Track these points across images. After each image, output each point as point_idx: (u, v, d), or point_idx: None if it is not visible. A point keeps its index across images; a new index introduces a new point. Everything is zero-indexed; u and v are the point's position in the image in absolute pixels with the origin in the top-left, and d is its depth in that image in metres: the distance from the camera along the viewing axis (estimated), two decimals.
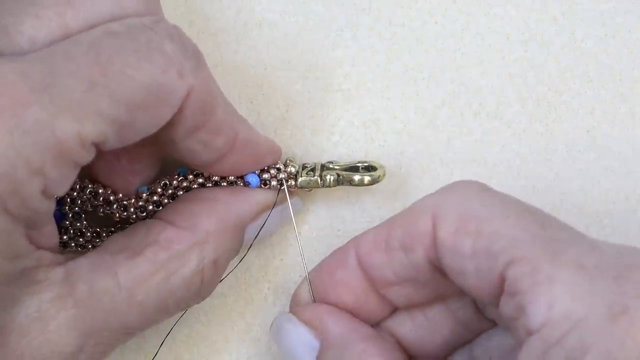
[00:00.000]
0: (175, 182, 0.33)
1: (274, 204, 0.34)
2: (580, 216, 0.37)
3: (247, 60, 0.37)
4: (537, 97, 0.37)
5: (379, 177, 0.34)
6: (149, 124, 0.28)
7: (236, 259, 0.34)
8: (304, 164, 0.35)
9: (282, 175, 0.34)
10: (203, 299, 0.32)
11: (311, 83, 0.37)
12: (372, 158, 0.36)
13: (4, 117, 0.25)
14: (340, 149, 0.36)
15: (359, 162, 0.35)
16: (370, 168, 0.35)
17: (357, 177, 0.34)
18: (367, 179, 0.34)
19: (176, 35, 0.29)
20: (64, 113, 0.26)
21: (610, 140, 0.37)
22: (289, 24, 0.37)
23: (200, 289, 0.31)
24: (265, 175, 0.34)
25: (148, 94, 0.27)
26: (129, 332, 0.30)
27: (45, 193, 0.26)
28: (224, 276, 0.33)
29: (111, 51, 0.27)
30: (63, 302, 0.28)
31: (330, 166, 0.35)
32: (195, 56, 0.29)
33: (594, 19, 0.37)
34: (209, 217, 0.32)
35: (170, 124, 0.29)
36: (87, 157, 0.27)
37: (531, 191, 0.37)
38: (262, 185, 0.34)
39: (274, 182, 0.34)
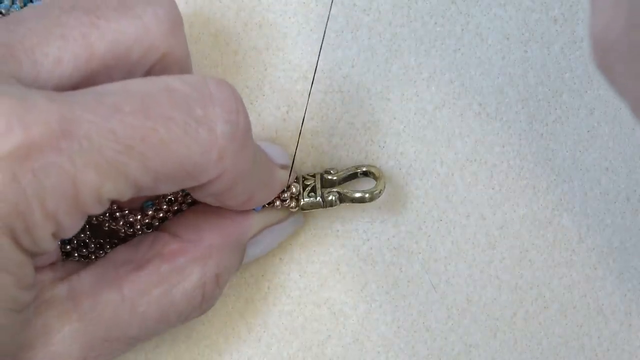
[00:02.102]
0: (180, 197, 0.33)
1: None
2: (581, 216, 0.37)
3: (247, 60, 0.37)
4: (537, 97, 0.37)
5: (380, 192, 0.35)
6: (168, 189, 0.28)
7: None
8: (303, 177, 0.35)
9: (285, 195, 0.34)
10: (204, 312, 0.32)
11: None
12: (372, 159, 0.36)
13: (33, 157, 0.24)
14: (340, 150, 0.36)
15: (357, 168, 0.35)
16: (368, 173, 0.35)
17: (357, 195, 0.34)
18: (367, 196, 0.35)
19: (233, 113, 0.28)
20: (89, 167, 0.25)
21: (610, 140, 0.37)
22: (289, 24, 0.37)
23: (202, 302, 0.31)
24: None
25: (180, 169, 0.27)
26: (130, 342, 0.30)
27: (54, 235, 0.26)
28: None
29: (161, 116, 0.26)
30: (68, 317, 0.28)
31: (329, 177, 0.35)
32: (243, 137, 0.28)
33: None
34: (213, 231, 0.32)
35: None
36: (100, 210, 0.27)
37: (531, 191, 0.37)
38: (266, 205, 0.34)
39: (277, 203, 0.34)
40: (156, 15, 0.29)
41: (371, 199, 0.35)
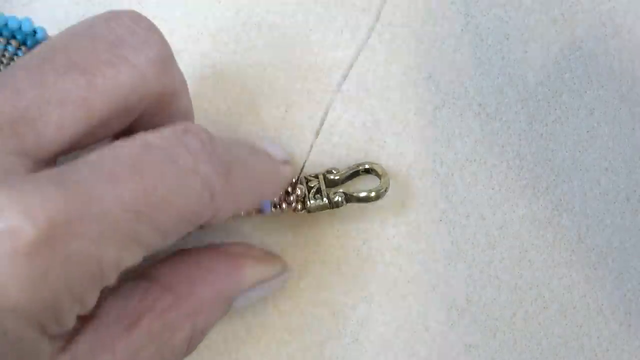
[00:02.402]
0: None
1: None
2: (580, 216, 0.37)
3: (247, 60, 0.37)
4: (536, 97, 0.37)
5: (385, 190, 0.35)
6: (170, 242, 0.28)
7: None
8: (306, 178, 0.35)
9: (292, 198, 0.35)
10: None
11: (311, 83, 0.37)
12: (371, 159, 0.36)
13: (57, 249, 0.24)
14: (340, 149, 0.36)
15: (359, 165, 0.36)
16: (370, 170, 0.35)
17: (363, 195, 0.35)
18: (373, 195, 0.35)
19: (207, 155, 0.28)
20: (109, 244, 0.25)
21: (610, 140, 0.37)
22: (288, 24, 0.37)
23: (185, 353, 0.32)
24: (275, 199, 0.34)
25: (182, 220, 0.27)
26: None
27: (78, 314, 0.26)
28: None
29: (154, 174, 0.27)
30: None
31: (332, 177, 0.35)
32: (225, 172, 0.29)
33: (594, 19, 0.37)
34: (205, 285, 0.32)
35: None
36: (115, 279, 0.27)
37: (531, 191, 0.37)
38: (273, 209, 0.34)
39: (284, 205, 0.34)
40: (149, 59, 0.29)
41: (377, 197, 0.35)
